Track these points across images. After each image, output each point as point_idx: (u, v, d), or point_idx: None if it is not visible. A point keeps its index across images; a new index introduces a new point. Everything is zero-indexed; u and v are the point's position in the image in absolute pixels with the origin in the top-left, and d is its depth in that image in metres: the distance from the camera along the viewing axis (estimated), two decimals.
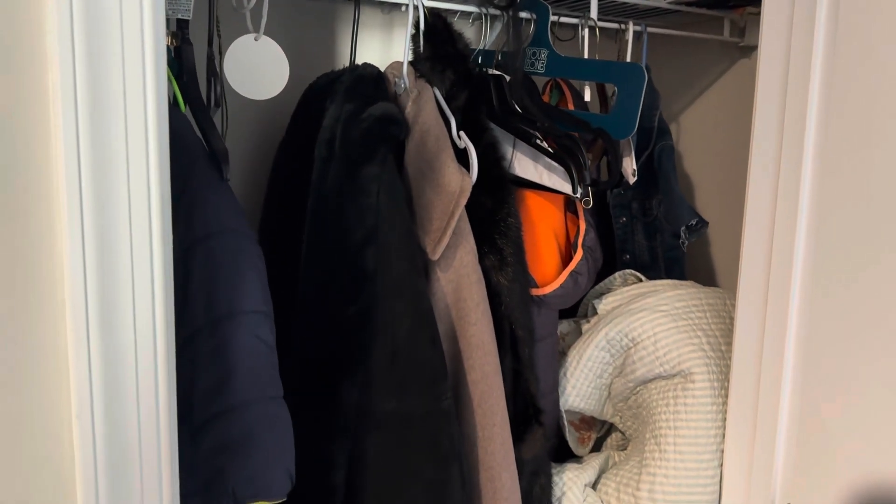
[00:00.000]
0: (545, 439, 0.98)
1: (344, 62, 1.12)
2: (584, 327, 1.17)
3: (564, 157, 0.93)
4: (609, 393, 1.15)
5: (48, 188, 0.43)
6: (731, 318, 1.08)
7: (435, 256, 0.82)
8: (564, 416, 1.12)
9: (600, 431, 1.26)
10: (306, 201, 0.86)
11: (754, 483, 0.93)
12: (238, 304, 0.64)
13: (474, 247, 0.87)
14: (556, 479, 1.03)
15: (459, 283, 0.85)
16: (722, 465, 0.99)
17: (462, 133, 0.90)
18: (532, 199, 1.05)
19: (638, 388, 1.10)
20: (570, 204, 1.12)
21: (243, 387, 0.61)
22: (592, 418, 1.22)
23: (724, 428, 0.98)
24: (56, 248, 0.43)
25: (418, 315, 0.78)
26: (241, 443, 0.60)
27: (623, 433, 1.20)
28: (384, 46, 1.21)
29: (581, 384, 1.12)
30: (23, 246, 0.43)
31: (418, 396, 0.76)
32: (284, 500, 0.62)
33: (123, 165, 0.43)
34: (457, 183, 0.83)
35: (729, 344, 1.04)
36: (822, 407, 0.85)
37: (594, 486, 1.08)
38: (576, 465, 1.08)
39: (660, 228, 1.22)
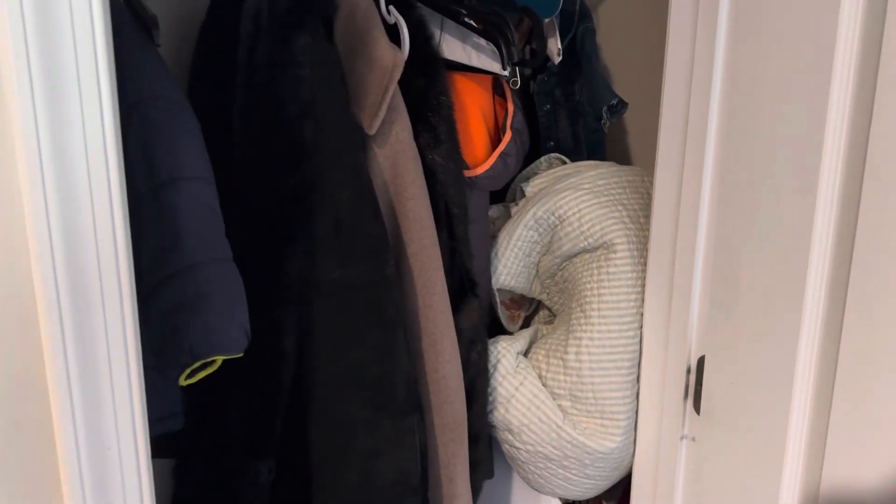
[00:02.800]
0: (481, 310, 1.03)
1: None
2: (513, 210, 1.22)
3: (493, 32, 0.94)
4: (537, 271, 1.21)
5: None
6: (649, 194, 1.15)
7: (371, 131, 0.83)
8: (497, 294, 1.18)
9: (528, 310, 1.33)
10: (231, 80, 0.85)
11: (672, 339, 1.01)
12: (179, 171, 0.64)
13: (409, 124, 0.89)
14: (490, 348, 1.10)
15: (396, 158, 0.86)
16: (642, 326, 1.07)
17: (392, 8, 0.89)
18: (460, 82, 1.06)
19: (564, 264, 1.17)
20: (497, 87, 1.14)
21: (192, 249, 0.62)
22: (521, 297, 1.29)
23: (644, 292, 1.06)
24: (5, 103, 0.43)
25: (359, 186, 0.79)
26: (195, 302, 0.61)
27: (549, 309, 1.27)
28: None
29: (511, 263, 1.17)
30: None
31: (362, 265, 0.79)
32: (241, 355, 0.64)
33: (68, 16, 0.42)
34: (389, 58, 0.84)
35: (647, 217, 1.11)
36: (732, 267, 0.92)
37: (525, 354, 1.16)
38: (508, 336, 1.15)
39: (582, 113, 1.26)
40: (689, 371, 1.00)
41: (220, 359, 0.66)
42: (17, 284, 0.46)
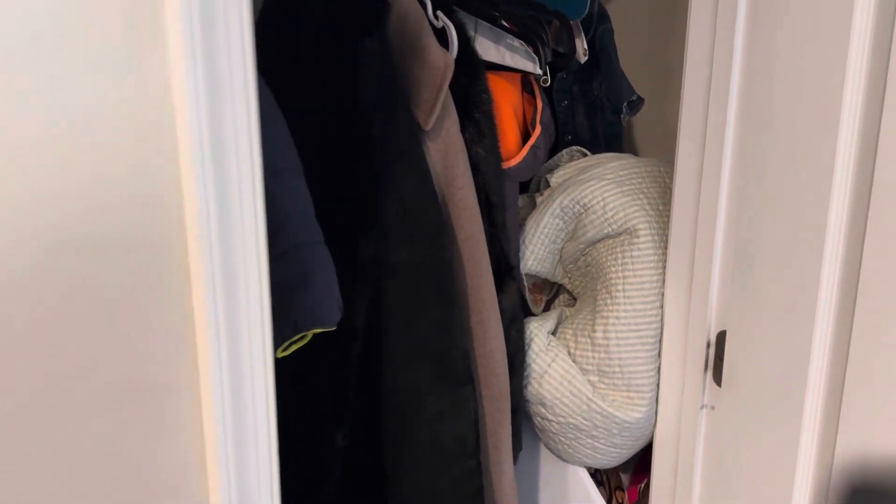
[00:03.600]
0: (518, 292, 1.11)
1: None
2: (538, 199, 1.30)
3: (530, 34, 1.02)
4: (560, 257, 1.29)
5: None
6: (665, 183, 1.24)
7: (427, 127, 0.91)
8: (524, 279, 1.26)
9: (548, 294, 1.41)
10: (291, 80, 0.92)
11: (692, 316, 1.10)
12: (279, 162, 0.71)
13: (457, 119, 0.96)
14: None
15: (447, 151, 0.94)
16: (663, 305, 1.16)
17: (440, 13, 0.97)
18: (493, 81, 1.14)
19: (587, 249, 1.25)
20: (524, 85, 1.22)
21: (294, 233, 0.69)
22: (543, 282, 1.38)
23: (665, 273, 1.15)
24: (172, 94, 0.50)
25: (421, 177, 0.87)
26: (299, 280, 0.68)
27: (570, 293, 1.35)
28: None
29: (538, 249, 1.25)
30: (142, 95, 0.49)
31: (425, 248, 0.87)
32: (335, 328, 0.72)
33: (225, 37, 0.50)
34: (441, 59, 0.91)
35: (665, 204, 1.20)
36: (750, 246, 1.01)
37: (553, 334, 1.24)
38: (538, 317, 1.24)
39: (599, 108, 1.35)
40: (708, 345, 1.09)
41: (311, 333, 0.73)
42: (177, 264, 0.53)
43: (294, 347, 0.74)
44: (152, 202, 0.52)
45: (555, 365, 1.17)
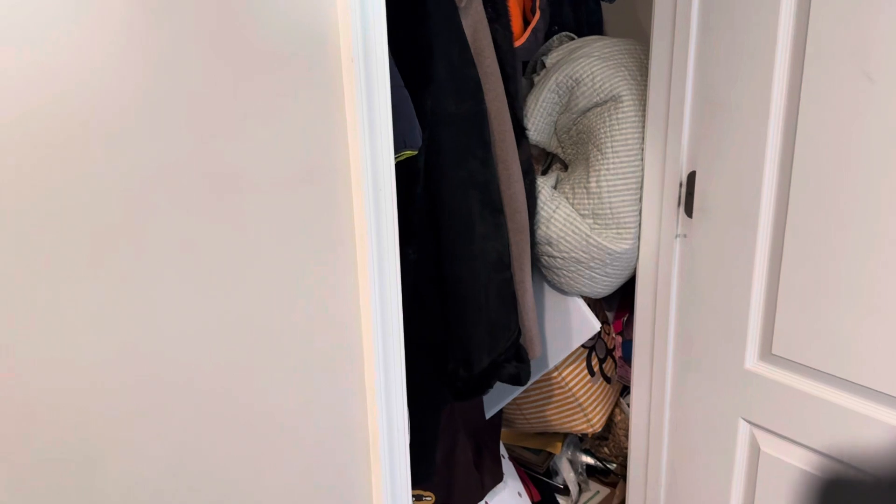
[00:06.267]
0: (529, 149, 1.35)
1: None
2: (536, 79, 1.53)
3: None
4: (555, 129, 1.54)
5: None
6: (641, 59, 1.48)
7: (462, 4, 1.12)
8: None
9: (543, 165, 1.67)
10: None
11: (668, 160, 1.37)
12: None
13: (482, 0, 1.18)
14: None
15: (476, 26, 1.16)
16: (644, 157, 1.42)
17: None
18: None
19: (579, 119, 1.50)
20: None
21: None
22: (539, 154, 1.62)
23: (644, 130, 1.40)
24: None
25: (461, 43, 1.09)
26: (393, 112, 0.91)
27: (562, 162, 1.61)
28: None
29: (538, 121, 1.50)
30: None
31: (469, 100, 1.09)
32: (416, 152, 0.95)
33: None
34: None
35: (643, 75, 1.45)
36: (713, 96, 1.27)
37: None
38: (541, 176, 1.49)
39: (582, 0, 1.57)
40: (681, 185, 1.36)
41: (398, 158, 0.96)
42: (338, 81, 0.76)
43: None
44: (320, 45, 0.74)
45: (559, 210, 1.43)
